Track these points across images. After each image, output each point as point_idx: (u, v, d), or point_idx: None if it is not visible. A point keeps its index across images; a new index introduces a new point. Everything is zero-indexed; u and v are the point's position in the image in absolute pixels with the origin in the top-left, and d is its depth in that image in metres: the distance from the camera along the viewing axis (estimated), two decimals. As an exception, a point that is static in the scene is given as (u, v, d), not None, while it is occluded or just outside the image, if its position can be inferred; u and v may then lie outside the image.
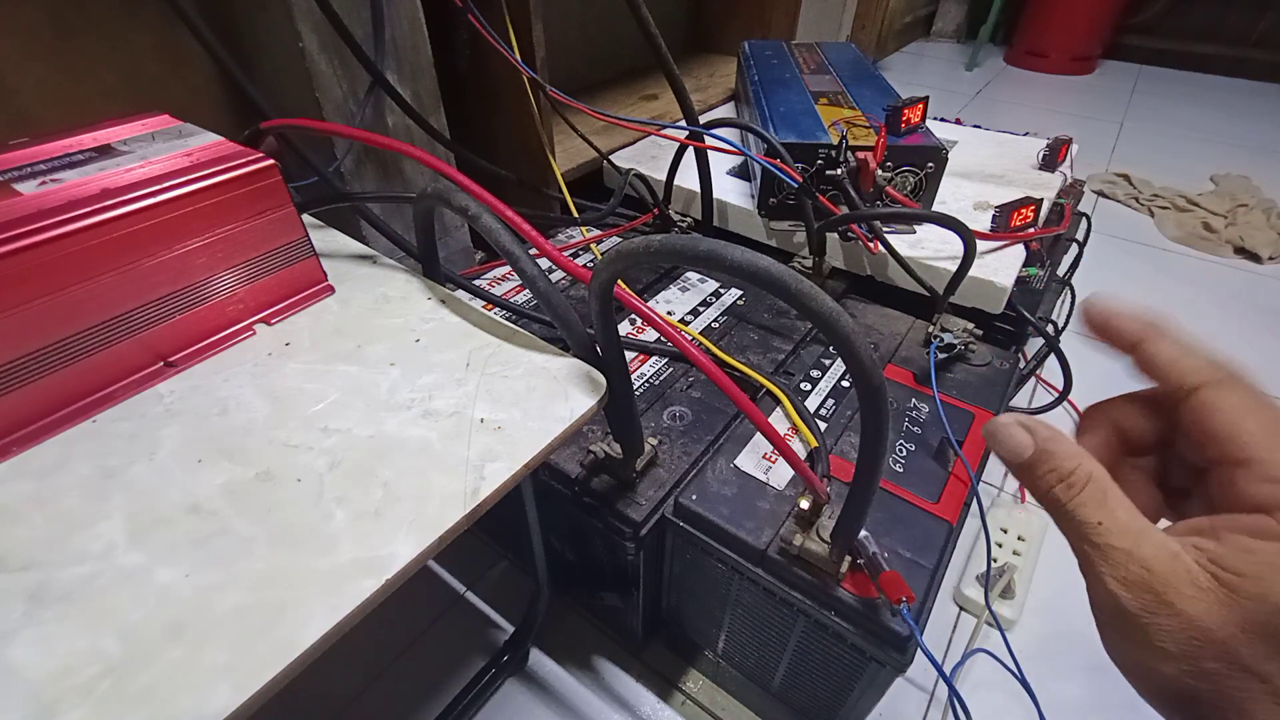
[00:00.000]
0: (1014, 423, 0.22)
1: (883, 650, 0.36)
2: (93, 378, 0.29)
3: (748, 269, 0.23)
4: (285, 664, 0.20)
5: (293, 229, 0.34)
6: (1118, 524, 0.19)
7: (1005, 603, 0.59)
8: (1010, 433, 0.21)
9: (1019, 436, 0.21)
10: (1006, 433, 0.21)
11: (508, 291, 0.60)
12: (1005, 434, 0.21)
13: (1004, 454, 0.22)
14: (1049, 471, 0.20)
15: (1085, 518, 0.19)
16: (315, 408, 0.30)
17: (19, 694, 0.19)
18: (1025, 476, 0.21)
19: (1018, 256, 0.62)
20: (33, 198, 0.28)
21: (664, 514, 0.42)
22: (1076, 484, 0.20)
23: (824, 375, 0.52)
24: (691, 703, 0.54)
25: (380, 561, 0.23)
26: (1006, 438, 0.21)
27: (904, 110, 0.63)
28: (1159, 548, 0.18)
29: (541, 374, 0.32)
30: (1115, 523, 0.19)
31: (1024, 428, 0.21)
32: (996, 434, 0.22)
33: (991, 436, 0.22)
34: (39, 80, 0.46)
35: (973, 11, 2.34)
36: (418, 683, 0.55)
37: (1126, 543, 0.18)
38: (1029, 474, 0.21)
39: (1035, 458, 0.21)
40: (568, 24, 1.01)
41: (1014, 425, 0.21)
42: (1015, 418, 0.22)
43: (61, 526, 0.24)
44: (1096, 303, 0.23)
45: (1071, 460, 0.20)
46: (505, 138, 0.73)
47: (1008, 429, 0.21)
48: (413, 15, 0.56)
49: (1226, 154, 1.54)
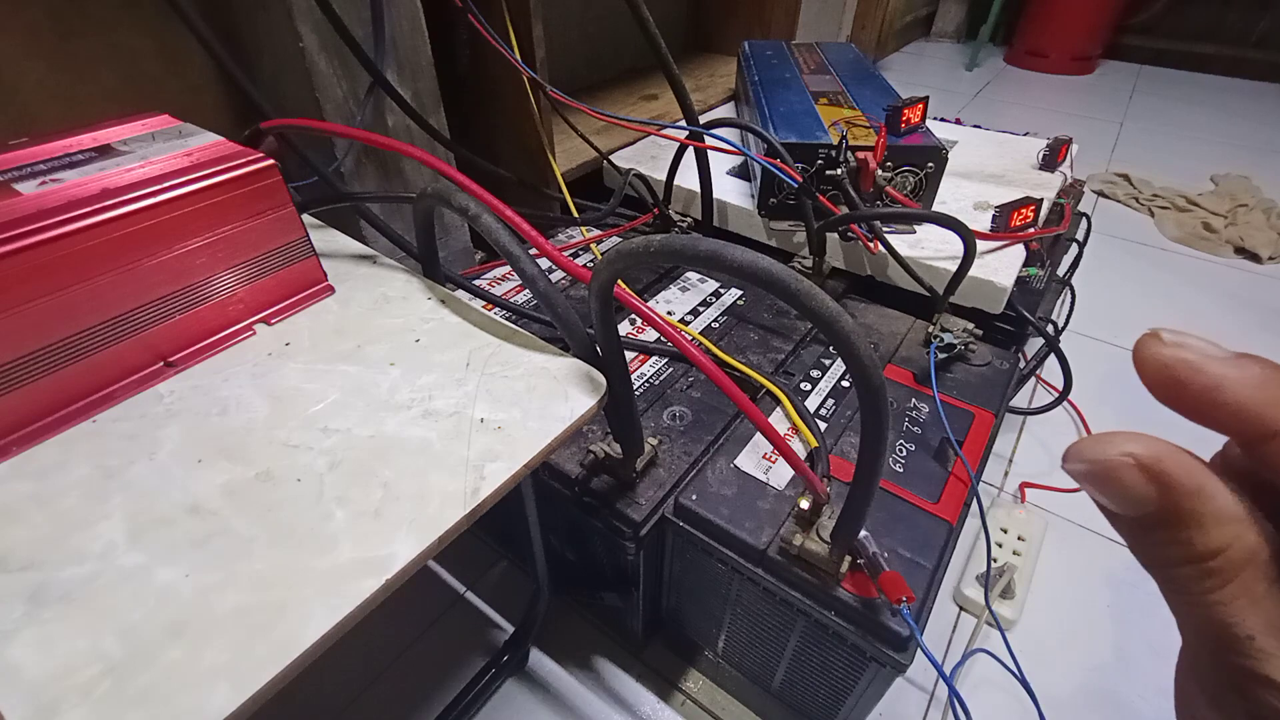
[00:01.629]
0: (1130, 463, 0.13)
1: (883, 650, 0.36)
2: (93, 378, 0.29)
3: (748, 269, 0.23)
4: (285, 664, 0.20)
5: (293, 229, 0.34)
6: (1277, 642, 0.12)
7: (1005, 603, 0.59)
8: (1125, 478, 0.13)
9: (1138, 487, 0.13)
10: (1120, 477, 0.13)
11: (508, 291, 0.60)
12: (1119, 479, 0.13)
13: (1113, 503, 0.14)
14: (1177, 543, 0.13)
15: (1230, 623, 0.12)
16: (315, 408, 0.30)
17: (19, 694, 0.19)
18: (1135, 537, 0.14)
19: (1018, 256, 0.62)
20: (33, 198, 0.28)
21: (664, 514, 0.42)
22: (1225, 570, 0.12)
23: (824, 375, 0.52)
24: (691, 703, 0.54)
25: (380, 561, 0.23)
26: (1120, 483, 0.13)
27: (904, 110, 0.63)
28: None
29: (541, 374, 0.32)
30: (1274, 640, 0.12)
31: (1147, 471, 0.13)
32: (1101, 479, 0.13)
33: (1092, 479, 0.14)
34: (39, 80, 0.46)
35: (973, 11, 2.34)
36: (418, 683, 0.55)
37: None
38: (1142, 536, 0.14)
39: (1160, 517, 0.13)
40: (568, 24, 1.01)
41: (1130, 467, 0.13)
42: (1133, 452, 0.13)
43: (61, 526, 0.24)
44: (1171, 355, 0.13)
45: (1224, 530, 0.12)
46: (505, 138, 0.73)
47: (1120, 473, 0.13)
48: (413, 15, 0.56)
49: (1226, 154, 1.54)
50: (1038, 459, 0.77)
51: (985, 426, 0.47)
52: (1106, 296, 1.04)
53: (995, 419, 0.48)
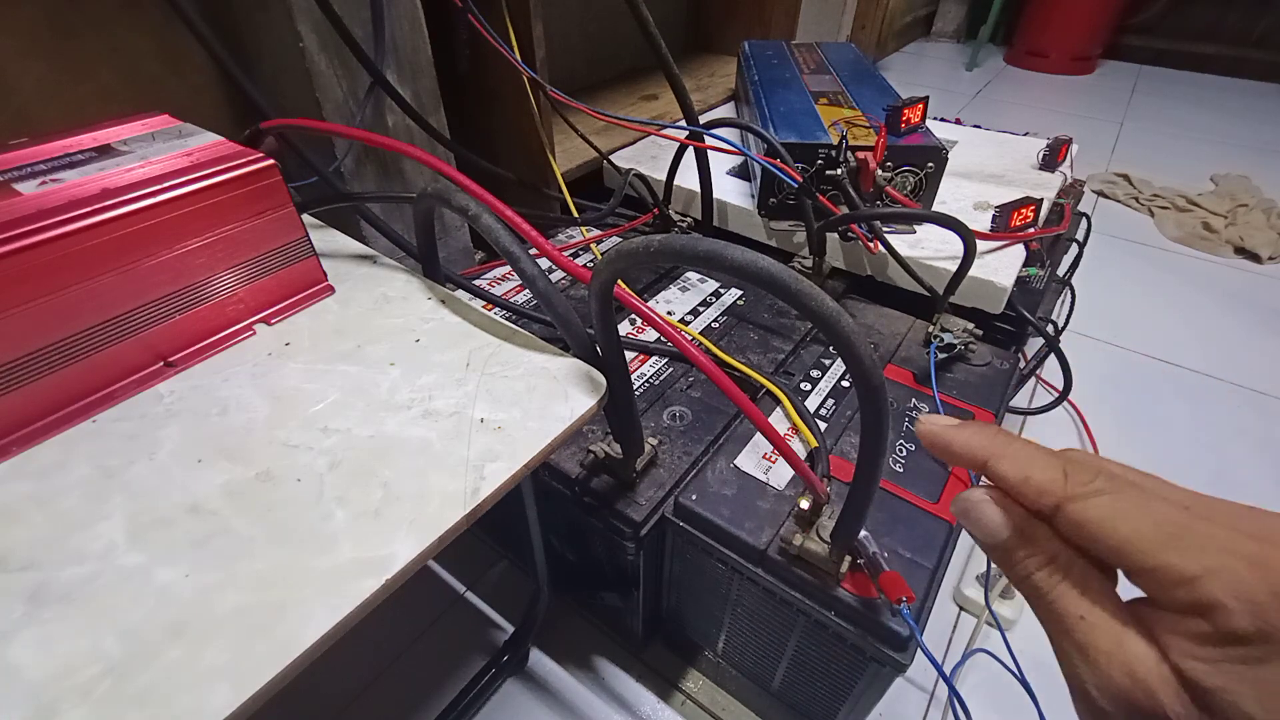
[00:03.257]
0: (986, 499, 0.19)
1: (883, 650, 0.36)
2: (93, 378, 0.29)
3: (748, 269, 0.23)
4: (285, 664, 0.20)
5: (293, 229, 0.34)
6: (1101, 617, 0.17)
7: (1005, 603, 0.59)
8: (983, 511, 0.19)
9: (992, 516, 0.19)
10: (979, 512, 0.19)
11: (508, 291, 0.60)
12: (978, 513, 0.19)
13: (977, 534, 0.20)
14: (1029, 556, 0.18)
15: (1068, 609, 0.17)
16: (315, 408, 0.30)
17: (19, 694, 0.19)
18: (1002, 560, 0.19)
19: (1018, 256, 0.62)
20: (33, 198, 0.28)
21: (664, 514, 0.42)
22: (1059, 570, 0.18)
23: (824, 375, 0.52)
24: (691, 703, 0.54)
25: (380, 561, 0.23)
26: (979, 517, 0.19)
27: (904, 110, 0.63)
28: (1142, 653, 0.16)
29: (541, 374, 0.32)
30: (1099, 616, 0.17)
31: (998, 506, 0.19)
32: (969, 513, 0.20)
33: (963, 516, 0.20)
34: (39, 80, 0.46)
35: (973, 11, 2.34)
36: (418, 683, 0.55)
37: (1109, 643, 0.16)
38: (1006, 557, 0.19)
39: (1013, 540, 0.19)
40: (568, 24, 1.01)
41: (987, 503, 0.19)
42: (985, 492, 0.19)
43: (61, 526, 0.24)
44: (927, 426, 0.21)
45: (1054, 543, 0.18)
46: (505, 138, 0.73)
47: (979, 507, 0.19)
48: (413, 15, 0.56)
49: (1226, 154, 1.54)
50: (1038, 459, 0.76)
51: (985, 426, 0.47)
52: (1106, 296, 1.04)
53: (995, 419, 0.48)
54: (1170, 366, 0.91)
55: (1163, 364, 0.92)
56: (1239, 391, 0.87)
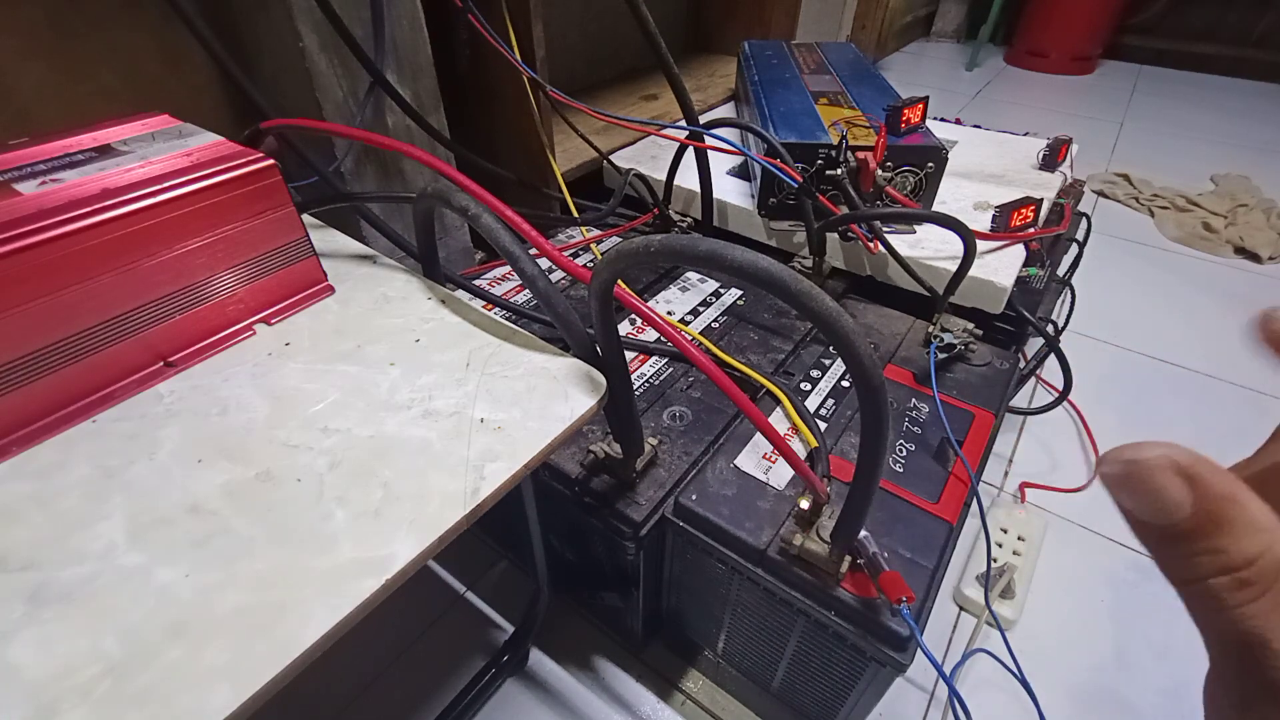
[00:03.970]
0: (1167, 464, 0.12)
1: (883, 650, 0.36)
2: (93, 378, 0.29)
3: (748, 269, 0.23)
4: (285, 664, 0.20)
5: (293, 229, 0.34)
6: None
7: (1005, 603, 0.59)
8: (1159, 479, 0.13)
9: (1173, 486, 0.12)
10: (1153, 478, 0.13)
11: (508, 291, 0.60)
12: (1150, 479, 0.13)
13: (1143, 505, 0.13)
14: (1211, 552, 0.12)
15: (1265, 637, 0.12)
16: (315, 408, 0.30)
17: (19, 694, 0.19)
18: (1164, 548, 0.13)
19: (1018, 256, 0.62)
20: (33, 198, 0.28)
21: (664, 514, 0.42)
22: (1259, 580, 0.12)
23: (824, 375, 0.52)
24: (691, 703, 0.54)
25: (380, 561, 0.23)
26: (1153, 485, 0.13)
27: (904, 110, 0.63)
28: None
29: (541, 374, 0.32)
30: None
31: (1183, 474, 0.12)
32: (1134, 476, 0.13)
33: (1123, 481, 0.13)
34: (39, 80, 0.46)
35: (973, 11, 2.34)
36: (418, 683, 0.55)
37: None
38: (1171, 546, 0.13)
39: (1192, 524, 0.12)
40: (568, 24, 1.01)
41: (1166, 470, 0.12)
42: (1169, 453, 0.12)
43: (61, 526, 0.24)
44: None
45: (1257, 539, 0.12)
46: (505, 138, 0.73)
47: (1156, 473, 0.13)
48: (413, 15, 0.56)
49: (1226, 154, 1.54)
50: (1038, 459, 0.77)
51: (985, 426, 0.47)
52: (1106, 296, 1.04)
53: (995, 419, 0.48)
54: (1170, 366, 0.91)
55: (1163, 364, 0.92)
56: (1239, 391, 0.87)
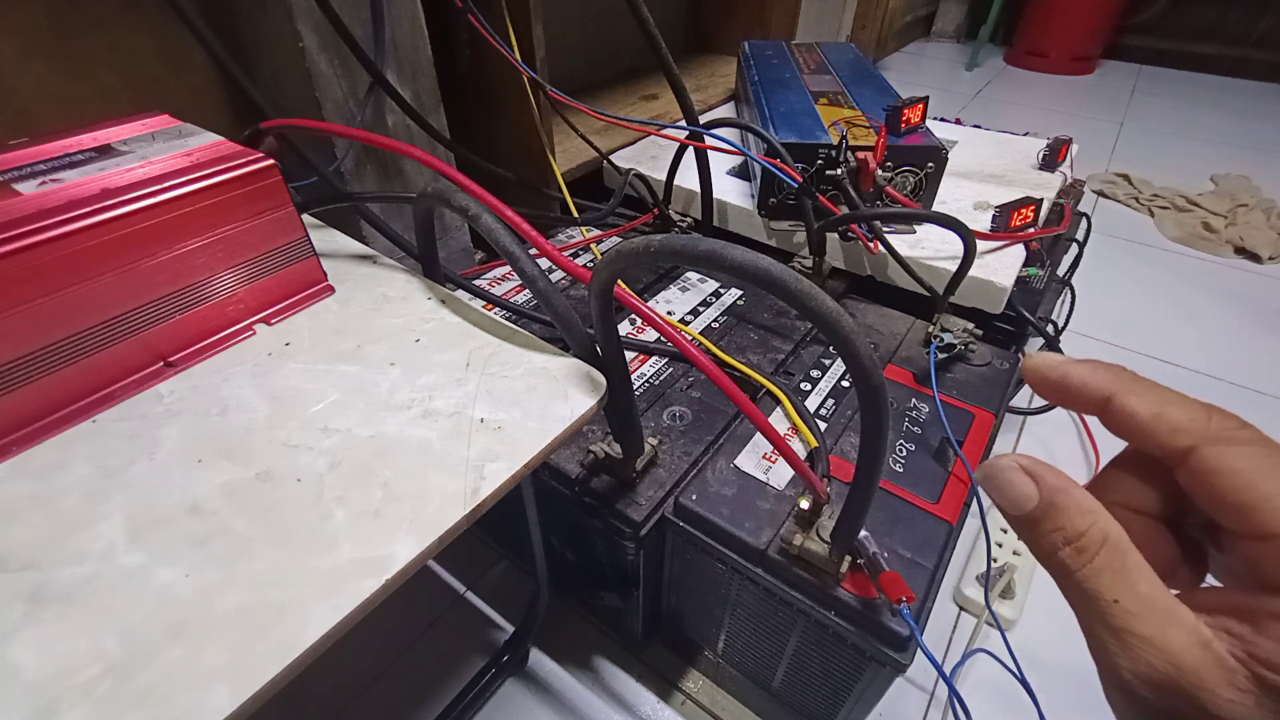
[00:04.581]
0: (1015, 466, 0.18)
1: (883, 650, 0.36)
2: (93, 378, 0.29)
3: (748, 269, 0.23)
4: (285, 664, 0.20)
5: (293, 229, 0.34)
6: (1139, 602, 0.15)
7: (1005, 603, 0.59)
8: (1010, 479, 0.18)
9: (1021, 485, 0.18)
10: (1006, 478, 0.18)
11: (508, 291, 0.60)
12: (1005, 480, 0.18)
13: (1003, 504, 0.18)
14: (1055, 530, 0.17)
15: (1099, 591, 0.16)
16: (315, 408, 0.30)
17: (19, 694, 0.19)
18: (1027, 533, 0.18)
19: (1018, 256, 0.62)
20: (33, 198, 0.28)
21: (664, 514, 0.42)
22: (1089, 548, 0.16)
23: (824, 375, 0.52)
24: (691, 703, 0.54)
25: (380, 561, 0.23)
26: (1006, 485, 0.18)
27: (904, 110, 0.63)
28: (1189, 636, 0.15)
29: (541, 374, 0.32)
30: (1136, 600, 0.15)
31: (1028, 473, 0.18)
32: (995, 479, 0.18)
33: (989, 481, 0.19)
34: (39, 80, 0.46)
35: (973, 11, 2.34)
36: (418, 683, 0.55)
37: (1150, 629, 0.15)
38: (1031, 530, 0.18)
39: (1040, 511, 0.17)
40: (568, 24, 1.01)
41: (1015, 470, 0.18)
42: (1016, 460, 0.18)
43: (61, 526, 0.24)
44: (1041, 362, 0.19)
45: (1084, 517, 0.17)
46: (505, 138, 0.73)
47: (1007, 474, 0.18)
48: (413, 15, 0.56)
49: (1226, 154, 1.54)
50: (1038, 459, 0.76)
51: (985, 426, 0.47)
52: (1106, 296, 1.04)
53: (995, 419, 0.48)
54: (1170, 366, 0.91)
55: (1163, 364, 0.92)
56: (1239, 391, 0.87)
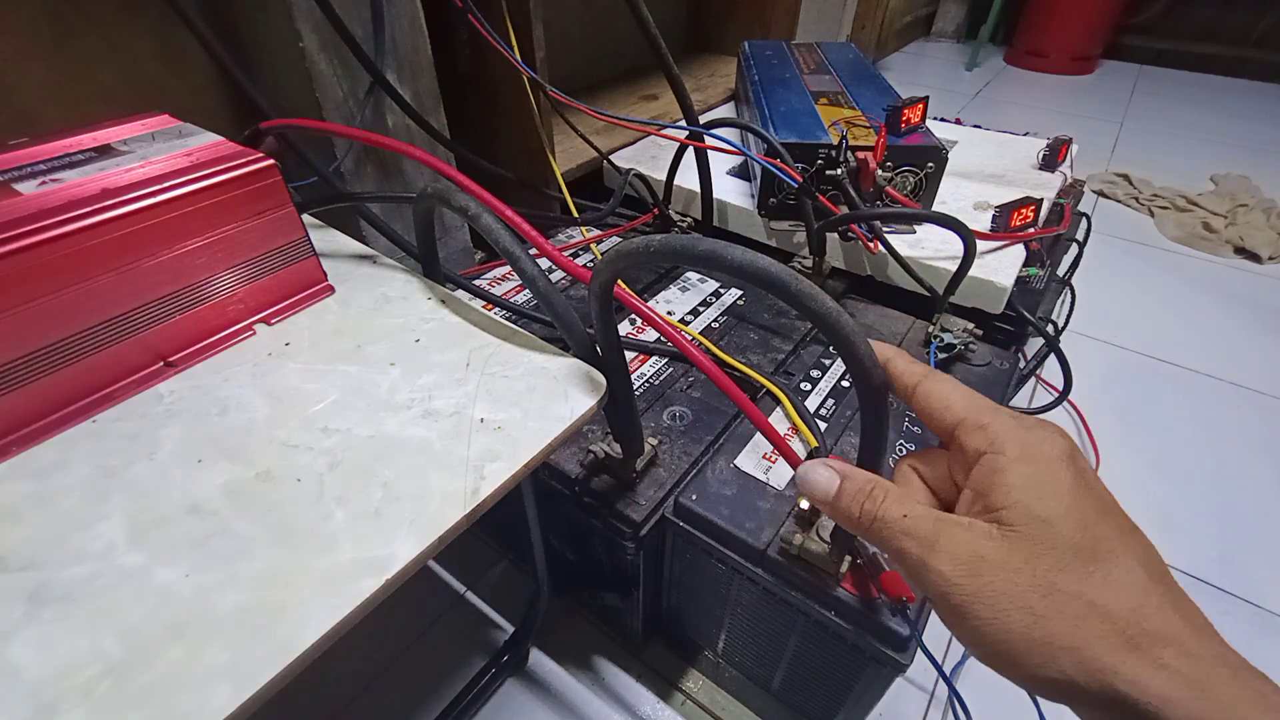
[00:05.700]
0: (814, 464, 0.24)
1: (883, 650, 0.36)
2: (93, 378, 0.29)
3: (748, 269, 0.23)
4: (285, 664, 0.20)
5: (293, 229, 0.34)
6: (918, 512, 0.22)
7: (1005, 603, 0.59)
8: (816, 474, 0.24)
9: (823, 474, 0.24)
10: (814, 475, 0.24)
11: (508, 291, 0.60)
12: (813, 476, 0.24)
13: (816, 495, 0.24)
14: (852, 496, 0.23)
15: (892, 514, 0.22)
16: (315, 408, 0.30)
17: (19, 694, 0.19)
18: (836, 509, 0.24)
19: (1018, 256, 0.62)
20: (33, 198, 0.28)
21: (664, 514, 0.42)
22: (877, 495, 0.23)
23: (824, 375, 0.52)
24: (691, 703, 0.54)
25: (380, 561, 0.23)
26: (815, 479, 0.24)
27: (904, 110, 0.63)
28: (955, 522, 0.21)
29: (541, 374, 0.32)
30: (916, 511, 0.22)
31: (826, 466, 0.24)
32: (806, 479, 0.25)
33: (802, 483, 0.25)
34: (39, 80, 0.46)
35: (973, 11, 2.34)
36: (418, 683, 0.55)
37: (930, 526, 0.21)
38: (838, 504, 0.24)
39: (840, 488, 0.24)
40: (568, 24, 1.01)
41: (818, 465, 0.24)
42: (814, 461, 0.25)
43: (61, 526, 0.24)
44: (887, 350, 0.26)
45: (868, 479, 0.23)
46: (505, 138, 0.73)
47: (812, 471, 0.24)
48: (413, 15, 0.56)
49: (1226, 154, 1.54)
50: (1038, 459, 0.76)
51: (985, 426, 0.47)
52: (1106, 296, 1.04)
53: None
54: (1170, 366, 0.91)
55: (1163, 364, 0.92)
56: (1239, 391, 0.87)
